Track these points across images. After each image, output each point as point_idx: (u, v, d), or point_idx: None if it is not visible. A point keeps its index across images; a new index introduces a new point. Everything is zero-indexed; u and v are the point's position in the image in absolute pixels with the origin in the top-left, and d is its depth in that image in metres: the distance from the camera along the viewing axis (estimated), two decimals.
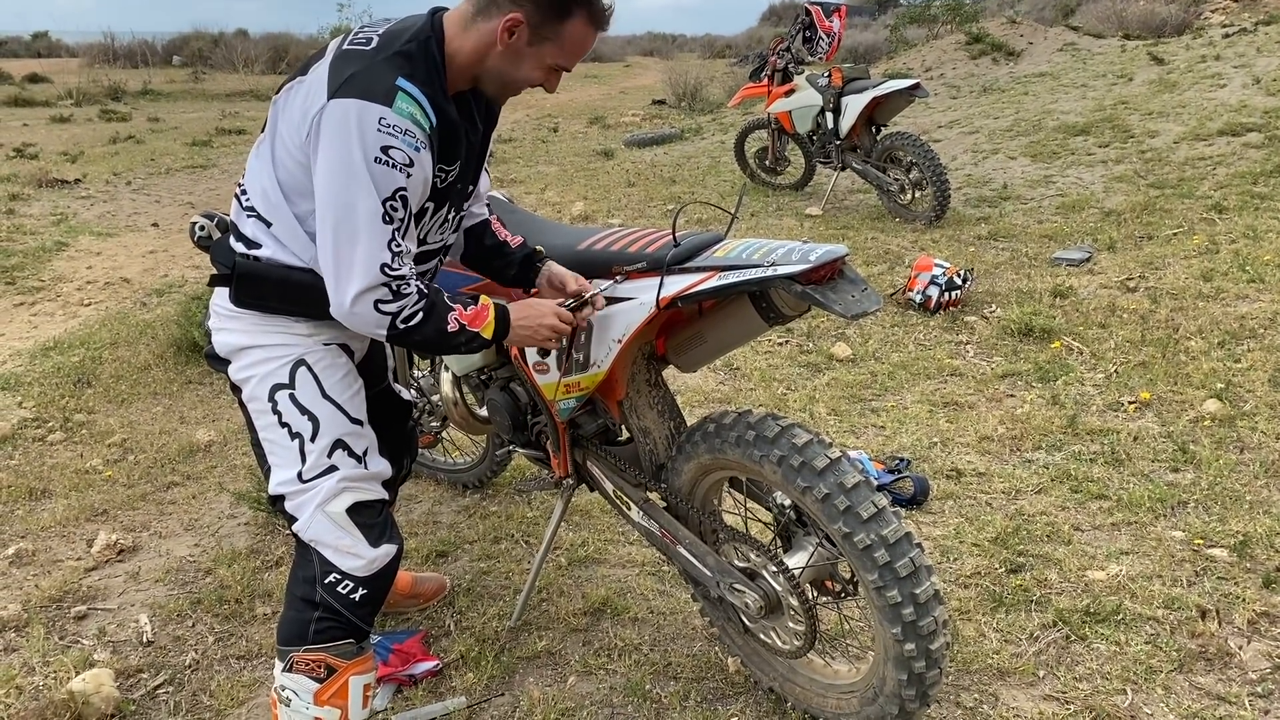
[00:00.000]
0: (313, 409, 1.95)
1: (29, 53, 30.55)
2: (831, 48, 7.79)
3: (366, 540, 1.97)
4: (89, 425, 4.17)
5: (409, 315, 1.82)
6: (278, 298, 1.92)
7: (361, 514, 1.98)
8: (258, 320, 1.94)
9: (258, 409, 1.97)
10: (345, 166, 1.72)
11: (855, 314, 1.82)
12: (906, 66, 13.98)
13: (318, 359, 1.96)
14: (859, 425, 3.89)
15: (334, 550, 1.96)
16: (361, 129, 1.71)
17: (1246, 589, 2.69)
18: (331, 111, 1.73)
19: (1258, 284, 5.10)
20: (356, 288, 1.76)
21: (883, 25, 21.33)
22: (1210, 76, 10.06)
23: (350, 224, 1.74)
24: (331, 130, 1.73)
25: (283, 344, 1.95)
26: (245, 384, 1.97)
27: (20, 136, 12.92)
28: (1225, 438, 3.59)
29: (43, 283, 6.31)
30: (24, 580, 3.01)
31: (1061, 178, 7.92)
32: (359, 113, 1.71)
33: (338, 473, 1.96)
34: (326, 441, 1.95)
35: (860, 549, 1.88)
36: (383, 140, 1.72)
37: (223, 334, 1.97)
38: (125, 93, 19.00)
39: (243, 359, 1.96)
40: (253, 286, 1.91)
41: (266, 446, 1.99)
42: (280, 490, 1.97)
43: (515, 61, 1.86)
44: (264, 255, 1.90)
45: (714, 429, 2.11)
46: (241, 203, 1.94)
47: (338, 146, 1.73)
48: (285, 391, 1.94)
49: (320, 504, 1.95)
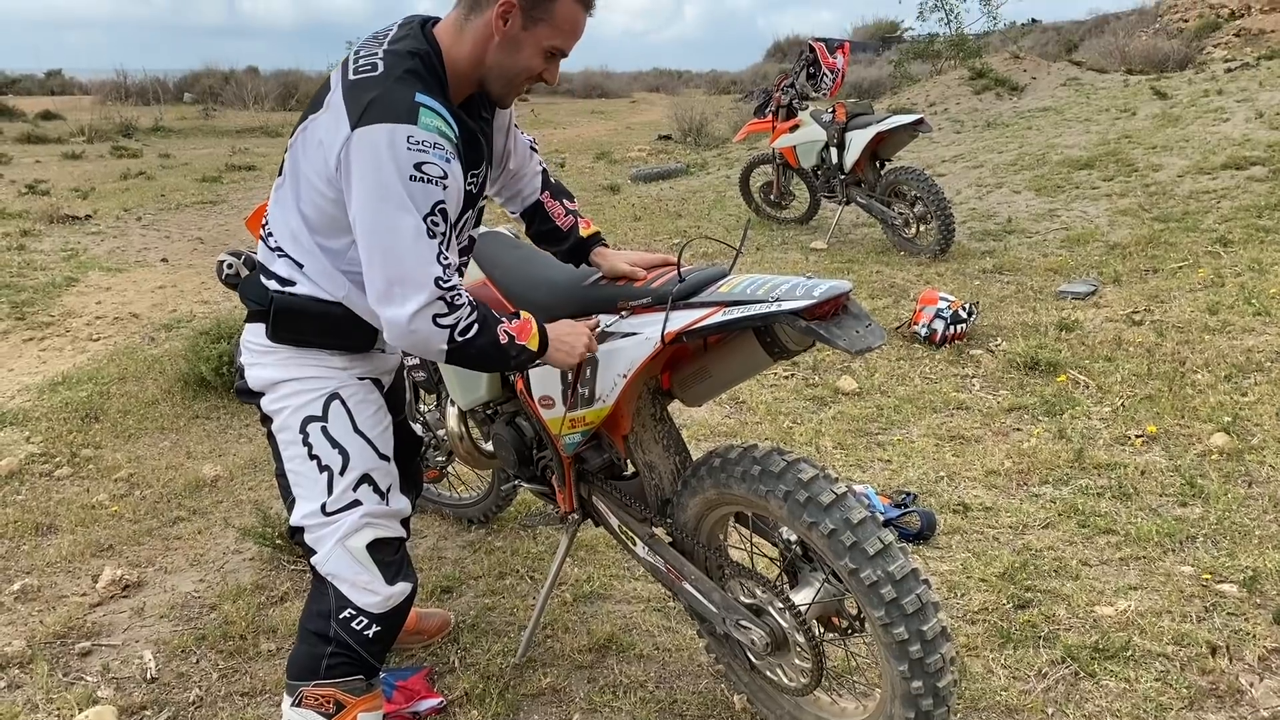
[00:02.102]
0: (344, 442, 1.96)
1: (43, 90, 30.85)
2: (835, 84, 7.85)
3: (383, 577, 1.98)
4: (96, 460, 4.17)
5: (465, 327, 1.83)
6: (314, 332, 1.94)
7: (380, 551, 1.99)
8: (293, 354, 1.96)
9: (287, 439, 1.98)
10: (382, 190, 1.74)
11: (859, 349, 1.82)
12: (910, 102, 14.07)
13: (351, 393, 1.99)
14: (865, 459, 3.88)
15: (350, 585, 1.97)
16: (393, 150, 1.73)
17: (1257, 625, 2.67)
18: (358, 140, 1.75)
19: (1264, 317, 5.10)
20: (414, 305, 1.76)
21: (886, 61, 21.49)
22: (1213, 111, 10.10)
23: (396, 245, 1.75)
24: (362, 158, 1.74)
25: (318, 376, 1.97)
26: (277, 415, 1.99)
27: (33, 173, 13.04)
28: (1233, 471, 3.57)
29: (52, 318, 6.34)
30: (29, 616, 3.00)
31: (1066, 211, 7.94)
32: (387, 135, 1.73)
33: (361, 508, 1.97)
34: (354, 476, 1.97)
35: (866, 585, 1.87)
36: (415, 157, 1.73)
37: (256, 369, 1.99)
38: (137, 129, 19.17)
39: (276, 391, 1.97)
40: (290, 321, 1.93)
41: (292, 478, 2.00)
42: (302, 522, 1.98)
43: (514, 50, 1.89)
44: (299, 292, 1.92)
45: (719, 464, 2.11)
46: (269, 244, 1.96)
47: (371, 172, 1.74)
48: (318, 424, 1.96)
49: (341, 538, 1.96)
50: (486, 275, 2.50)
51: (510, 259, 2.50)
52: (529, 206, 2.36)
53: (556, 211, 2.36)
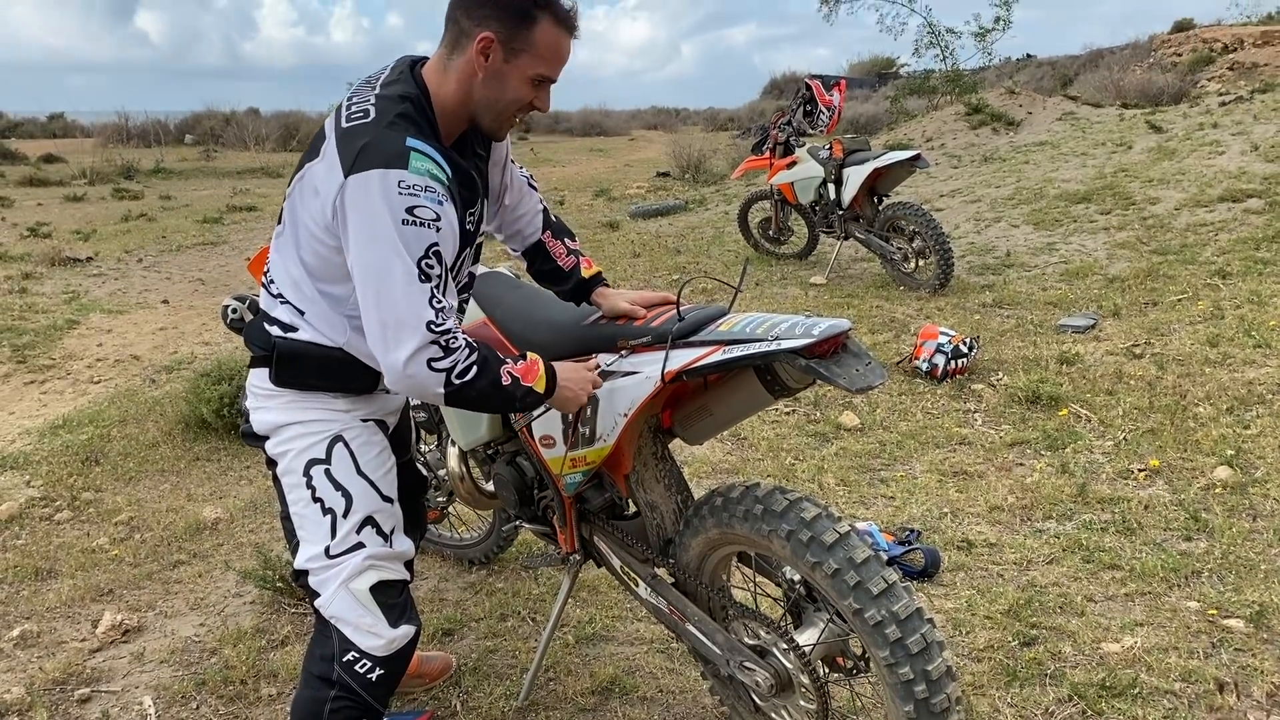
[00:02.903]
0: (347, 485, 1.96)
1: (45, 133, 31.08)
2: (832, 120, 7.91)
3: (387, 620, 1.97)
4: (96, 504, 4.16)
5: (463, 369, 1.83)
6: (317, 375, 1.95)
7: (384, 593, 1.98)
8: (296, 397, 1.97)
9: (292, 483, 1.98)
10: (375, 235, 1.75)
11: (860, 388, 1.82)
12: (907, 137, 14.16)
13: (355, 435, 1.99)
14: (868, 496, 3.87)
15: (354, 628, 1.96)
16: (385, 196, 1.74)
17: (1264, 660, 2.65)
18: (352, 188, 1.76)
19: (1264, 349, 5.10)
20: (408, 350, 1.77)
21: (883, 97, 21.66)
22: (1209, 144, 10.17)
23: (390, 289, 1.76)
24: (356, 205, 1.76)
25: (321, 419, 1.97)
26: (281, 458, 1.99)
27: (35, 216, 13.10)
28: (1237, 505, 3.56)
29: (53, 360, 6.35)
30: (28, 662, 2.98)
31: (1064, 245, 7.97)
32: (379, 181, 1.75)
33: (364, 550, 1.96)
34: (357, 518, 1.96)
35: (871, 625, 1.86)
36: (407, 201, 1.75)
37: (260, 412, 1.99)
38: (138, 171, 19.28)
39: (281, 435, 1.98)
40: (292, 366, 1.94)
41: (296, 521, 2.00)
42: (306, 565, 1.98)
43: (499, 83, 1.89)
44: (301, 338, 1.93)
45: (721, 503, 2.10)
46: (270, 291, 1.98)
47: (365, 218, 1.76)
48: (321, 467, 1.96)
49: (344, 581, 1.95)
50: (487, 315, 2.50)
51: (511, 298, 2.51)
52: (530, 246, 2.37)
53: (558, 251, 2.37)
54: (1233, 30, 22.32)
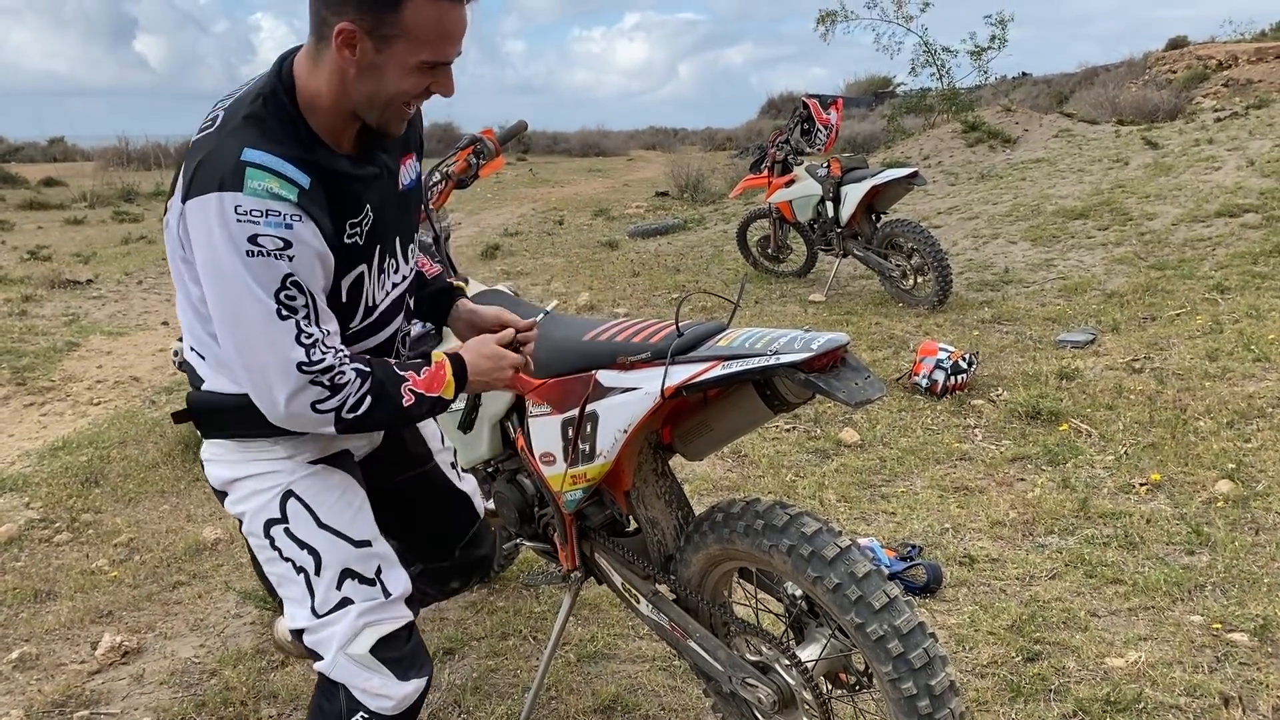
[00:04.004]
0: (310, 541, 1.81)
1: (45, 157, 31.12)
2: (829, 139, 7.94)
3: (395, 676, 1.84)
4: (96, 525, 4.15)
5: (354, 405, 1.65)
6: (237, 424, 1.79)
7: (387, 649, 1.84)
8: (236, 449, 1.83)
9: (257, 544, 1.86)
10: (219, 271, 1.55)
11: (859, 401, 1.82)
12: (904, 155, 14.21)
13: (306, 487, 1.83)
14: (869, 512, 3.86)
15: (362, 691, 1.83)
16: (224, 225, 1.53)
17: (1270, 674, 2.64)
18: (190, 215, 1.57)
19: (1264, 363, 5.11)
20: (282, 395, 1.61)
21: (880, 115, 21.73)
22: (1205, 159, 10.20)
23: (248, 333, 1.58)
24: (197, 236, 1.57)
25: (268, 472, 1.82)
26: (242, 518, 1.87)
27: (35, 239, 13.13)
28: (1239, 519, 3.55)
29: (53, 383, 6.35)
30: (26, 685, 2.97)
31: (1062, 261, 7.99)
32: (215, 208, 1.53)
33: (353, 608, 1.82)
34: (332, 574, 1.82)
35: (873, 640, 1.85)
36: (247, 230, 1.53)
37: (211, 465, 1.88)
38: (138, 194, 19.30)
39: (235, 492, 1.86)
40: (211, 418, 1.81)
41: (273, 579, 1.88)
42: (299, 625, 1.85)
43: (377, 77, 1.61)
44: (211, 388, 1.80)
45: (722, 518, 2.10)
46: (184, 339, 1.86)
47: (208, 253, 1.56)
48: (279, 526, 1.82)
49: (341, 646, 1.82)
50: None
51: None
52: None
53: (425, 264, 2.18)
54: (1226, 47, 22.45)
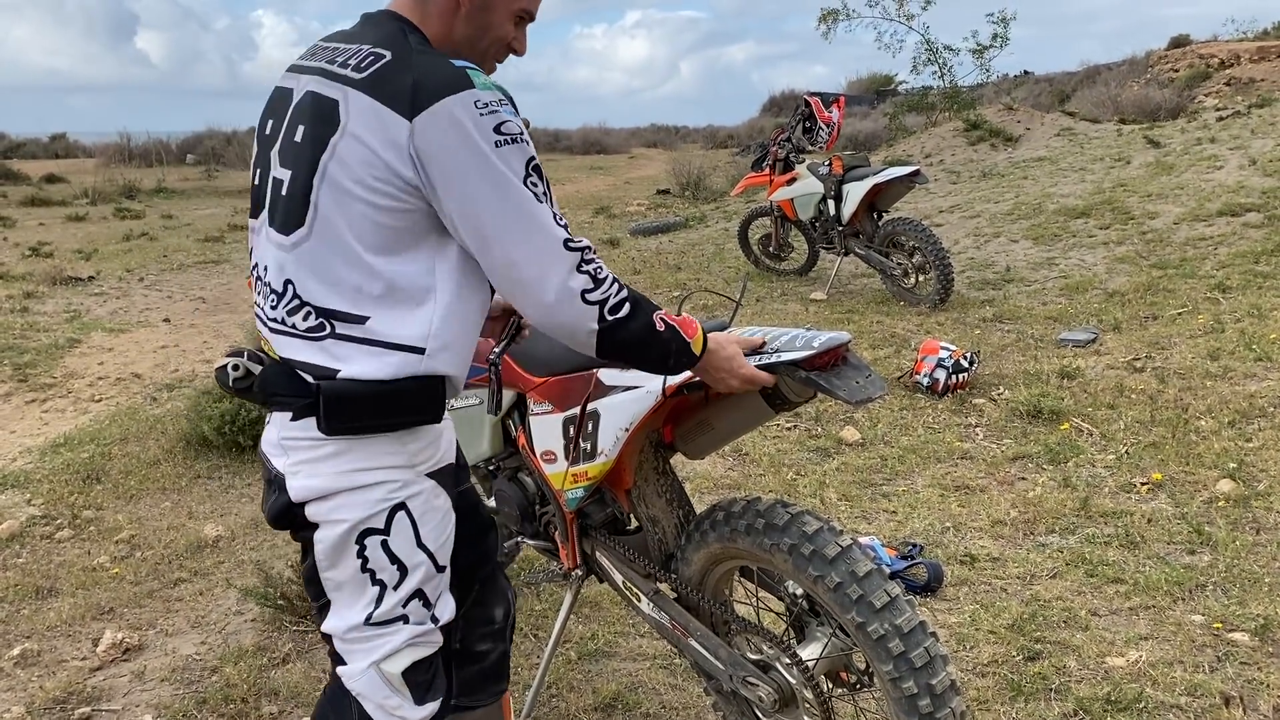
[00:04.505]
0: (404, 558, 1.73)
1: (47, 154, 31.13)
2: (831, 137, 7.93)
3: (413, 698, 1.79)
4: (97, 522, 4.16)
5: (616, 304, 1.62)
6: (373, 414, 1.66)
7: (415, 671, 1.79)
8: (353, 452, 1.67)
9: (330, 548, 1.71)
10: (473, 168, 1.56)
11: (860, 399, 1.82)
12: (906, 153, 14.20)
13: (419, 502, 1.73)
14: (870, 510, 3.86)
15: (377, 708, 1.78)
16: (472, 120, 1.55)
17: (1270, 674, 2.64)
18: (424, 127, 1.54)
19: (1265, 362, 5.10)
20: (555, 280, 1.57)
21: (881, 114, 21.70)
22: (1207, 158, 10.20)
23: (510, 221, 1.57)
24: (438, 143, 1.55)
25: (381, 482, 1.69)
26: (327, 525, 1.70)
27: (36, 236, 13.13)
28: (1240, 518, 3.55)
29: (54, 379, 6.35)
30: (28, 681, 2.97)
31: (1064, 260, 7.99)
32: (454, 108, 1.54)
33: (406, 628, 1.76)
34: (407, 591, 1.75)
35: (874, 639, 1.85)
36: (491, 120, 1.56)
37: (302, 476, 1.68)
38: (140, 191, 19.32)
39: (331, 500, 1.69)
40: (347, 408, 1.64)
41: (329, 584, 1.75)
42: (340, 634, 1.76)
43: (483, 17, 1.72)
44: (345, 375, 1.64)
45: (723, 517, 2.10)
46: (297, 331, 1.68)
47: (454, 154, 1.55)
48: (378, 537, 1.70)
49: (377, 661, 1.75)
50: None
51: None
52: None
53: None
54: (1229, 46, 22.44)
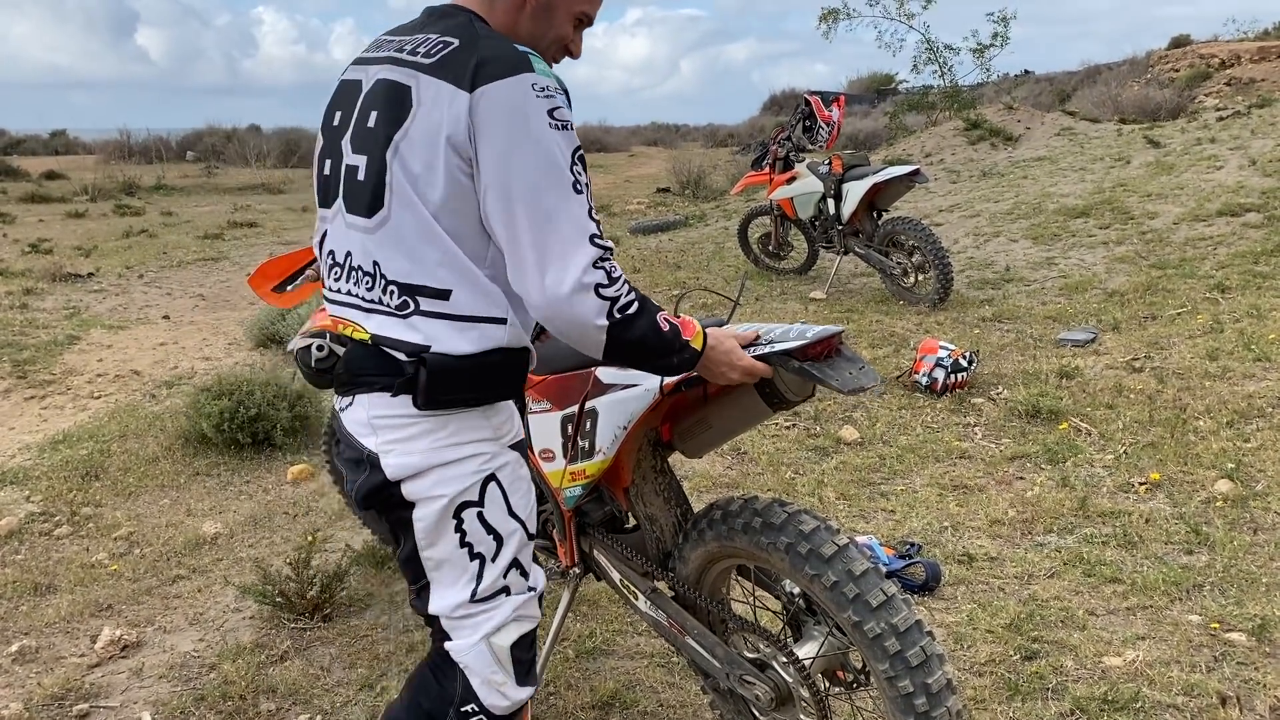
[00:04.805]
0: (499, 527, 1.78)
1: (47, 150, 31.13)
2: (831, 136, 7.93)
3: (516, 678, 1.83)
4: (96, 519, 4.16)
5: (626, 303, 1.61)
6: (469, 388, 1.71)
7: (521, 648, 1.84)
8: (445, 428, 1.71)
9: (431, 525, 1.74)
10: (519, 143, 1.57)
11: (853, 389, 1.82)
12: (906, 153, 14.20)
13: (507, 472, 1.79)
14: (868, 509, 3.87)
15: (482, 682, 1.81)
16: (527, 99, 1.57)
17: (1267, 674, 2.64)
18: (483, 99, 1.57)
19: (1264, 363, 5.11)
20: (576, 270, 1.56)
21: (882, 113, 21.71)
22: (1207, 159, 10.20)
23: (545, 203, 1.56)
24: (491, 115, 1.57)
25: (472, 455, 1.74)
26: (425, 503, 1.73)
27: (36, 232, 13.13)
28: (1238, 518, 3.55)
29: (53, 376, 6.35)
30: (26, 678, 2.97)
31: (1063, 259, 7.99)
32: (512, 86, 1.57)
33: (510, 598, 1.81)
34: (505, 562, 1.79)
35: (870, 638, 1.86)
36: (546, 104, 1.58)
37: (397, 455, 1.71)
38: (139, 188, 19.32)
39: (428, 477, 1.72)
40: (447, 382, 1.68)
41: (431, 564, 1.79)
42: (443, 611, 1.80)
43: (546, 17, 1.78)
44: (441, 350, 1.68)
45: (720, 516, 2.10)
46: (389, 309, 1.70)
47: (503, 126, 1.57)
48: (474, 510, 1.75)
49: (488, 634, 1.80)
50: None
51: None
52: None
53: None
54: (1229, 46, 22.42)
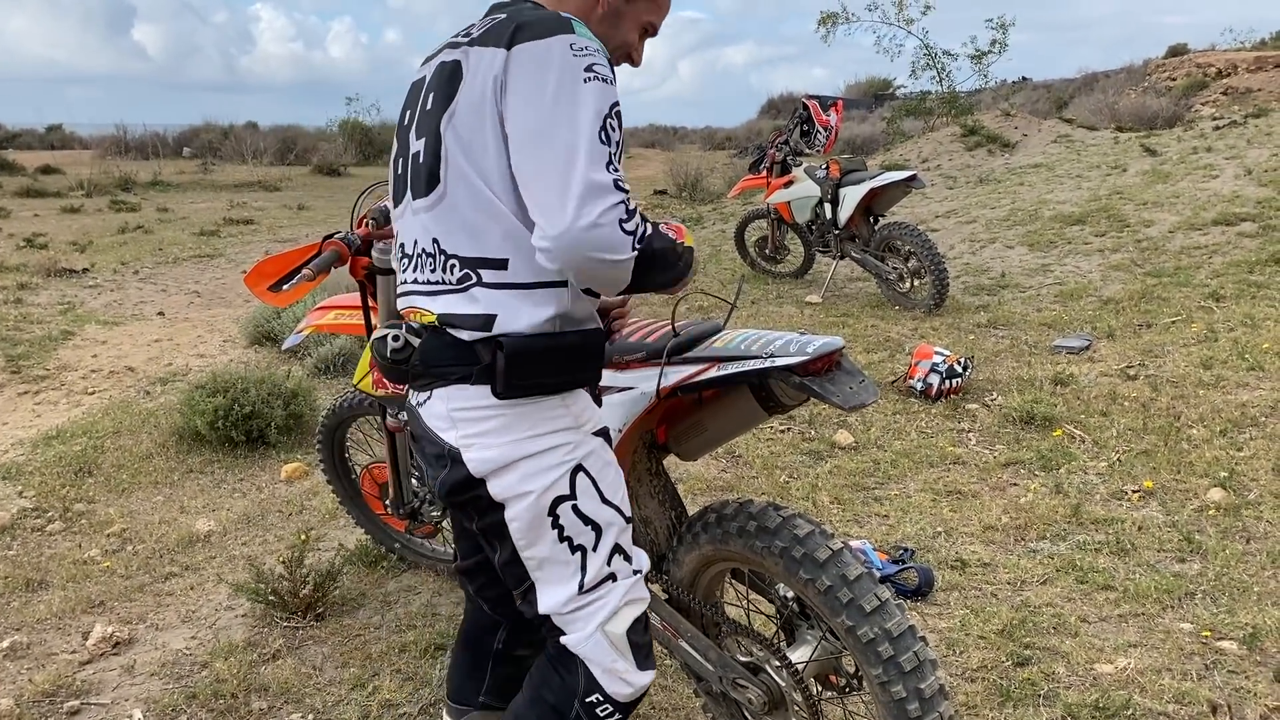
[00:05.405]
0: (595, 517, 1.76)
1: (43, 145, 31.07)
2: (829, 140, 7.95)
3: (636, 663, 1.82)
4: (88, 515, 4.15)
5: (643, 233, 1.61)
6: (549, 370, 1.70)
7: (636, 632, 1.83)
8: (524, 419, 1.70)
9: (527, 524, 1.73)
10: (547, 93, 1.56)
11: (853, 405, 1.83)
12: (903, 158, 14.22)
13: (593, 460, 1.77)
14: (862, 514, 3.87)
15: (604, 671, 1.80)
16: (562, 54, 1.57)
17: (1258, 683, 2.65)
18: (516, 55, 1.59)
19: (1257, 372, 5.12)
20: (598, 207, 1.52)
21: (879, 118, 21.74)
22: (1203, 167, 10.23)
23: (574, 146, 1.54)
24: (526, 70, 1.58)
25: (556, 445, 1.72)
26: (516, 501, 1.72)
27: (31, 227, 13.10)
28: (1230, 527, 3.56)
29: (48, 371, 6.34)
30: (17, 674, 2.97)
31: (1059, 266, 8.00)
32: (548, 44, 1.58)
33: (618, 584, 1.80)
34: (607, 549, 1.79)
35: (864, 643, 1.86)
36: (584, 60, 1.58)
37: (478, 449, 1.69)
38: (135, 183, 19.28)
39: (514, 472, 1.70)
40: (525, 364, 1.66)
41: (534, 564, 1.77)
42: (554, 609, 1.79)
43: (615, 23, 1.80)
44: (506, 329, 1.67)
45: (715, 519, 2.10)
46: (451, 286, 1.70)
47: (534, 78, 1.57)
48: (568, 503, 1.73)
49: (601, 623, 1.79)
50: None
51: None
52: None
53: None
54: (1226, 55, 22.47)
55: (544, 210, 1.55)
